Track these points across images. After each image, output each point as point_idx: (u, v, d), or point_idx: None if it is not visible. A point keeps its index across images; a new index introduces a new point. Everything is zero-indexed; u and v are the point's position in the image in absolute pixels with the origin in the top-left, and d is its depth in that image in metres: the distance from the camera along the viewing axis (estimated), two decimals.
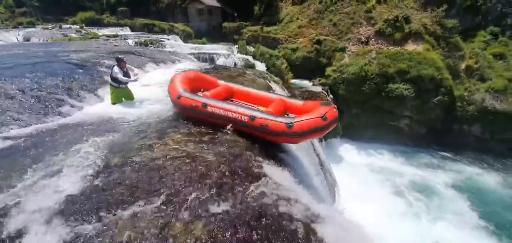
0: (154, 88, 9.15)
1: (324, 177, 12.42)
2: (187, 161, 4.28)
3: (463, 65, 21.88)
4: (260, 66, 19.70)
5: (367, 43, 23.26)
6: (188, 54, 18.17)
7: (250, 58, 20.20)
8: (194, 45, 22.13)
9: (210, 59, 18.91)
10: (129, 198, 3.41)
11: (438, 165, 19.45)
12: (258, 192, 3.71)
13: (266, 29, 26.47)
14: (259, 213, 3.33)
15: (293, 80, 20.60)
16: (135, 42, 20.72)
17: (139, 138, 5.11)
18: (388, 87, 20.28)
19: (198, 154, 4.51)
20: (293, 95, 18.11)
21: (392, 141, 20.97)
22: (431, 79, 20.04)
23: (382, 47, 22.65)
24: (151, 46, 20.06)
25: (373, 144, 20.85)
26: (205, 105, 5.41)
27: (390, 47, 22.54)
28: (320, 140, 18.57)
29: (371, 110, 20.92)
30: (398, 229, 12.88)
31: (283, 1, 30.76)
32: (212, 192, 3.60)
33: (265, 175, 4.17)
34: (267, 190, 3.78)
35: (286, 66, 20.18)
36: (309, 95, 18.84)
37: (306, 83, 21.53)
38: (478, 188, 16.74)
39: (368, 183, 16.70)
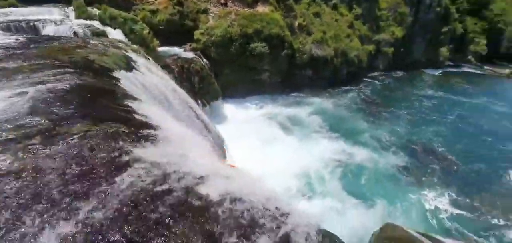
0: None
1: (212, 138, 13.27)
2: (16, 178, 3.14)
3: (296, 23, 28.22)
4: (115, 34, 16.06)
5: (226, 4, 24.46)
6: None
7: (97, 23, 15.82)
8: None
9: (31, 28, 13.09)
10: None
11: (295, 102, 26.07)
12: (129, 181, 3.37)
13: None
14: (133, 202, 3.08)
15: (160, 48, 18.58)
16: None
17: None
18: (250, 46, 23.09)
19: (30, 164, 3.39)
20: (166, 65, 16.72)
21: (259, 92, 25.22)
22: (278, 37, 24.74)
23: (239, 9, 24.69)
24: None
25: (246, 97, 24.37)
26: None
27: (246, 9, 25.02)
28: (204, 105, 19.00)
29: (239, 69, 23.58)
30: (280, 153, 17.21)
31: None
32: (63, 204, 2.92)
33: (133, 160, 3.83)
34: (141, 174, 3.54)
35: (149, 32, 17.63)
36: (183, 64, 18.09)
37: (176, 50, 20.22)
38: (323, 111, 25.01)
39: (250, 130, 19.83)
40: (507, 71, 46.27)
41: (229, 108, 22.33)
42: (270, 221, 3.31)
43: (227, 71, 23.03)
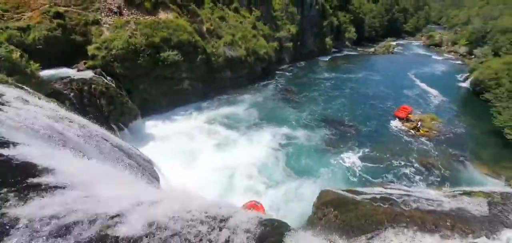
0: None
1: (136, 163, 11.34)
2: None
3: (204, 28, 28.02)
4: None
5: (120, 13, 21.60)
6: None
7: None
8: None
9: None
10: None
11: (221, 104, 25.80)
12: None
13: None
14: None
15: (44, 72, 14.18)
16: None
17: None
18: (161, 56, 21.22)
19: None
20: (56, 92, 13.22)
21: (184, 101, 23.60)
22: (189, 43, 23.85)
23: (138, 17, 22.33)
24: None
25: (172, 109, 22.38)
26: None
27: (147, 17, 22.87)
28: (120, 129, 16.03)
29: (157, 81, 21.27)
30: (207, 159, 16.73)
31: None
32: None
33: (18, 224, 2.80)
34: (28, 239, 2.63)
35: (21, 55, 13.17)
36: (80, 86, 14.60)
37: (68, 71, 16.05)
38: (250, 106, 26.20)
39: (181, 142, 18.32)
40: (371, 49, 61.83)
41: (154, 125, 19.86)
42: (209, 232, 3.26)
43: (143, 86, 20.37)
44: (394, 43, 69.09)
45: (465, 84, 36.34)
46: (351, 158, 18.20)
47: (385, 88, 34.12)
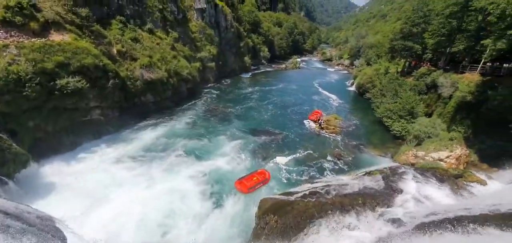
0: None
1: (26, 225, 9.16)
2: None
3: (114, 50, 25.10)
4: None
5: None
6: None
7: None
8: None
9: None
10: None
11: (142, 132, 23.23)
12: None
13: None
14: None
15: None
16: None
17: None
18: (58, 84, 17.59)
19: None
20: None
21: (95, 134, 19.97)
22: (96, 67, 20.78)
23: (22, 40, 17.96)
24: None
25: (77, 146, 18.47)
26: None
27: (34, 40, 18.64)
28: (4, 183, 12.13)
29: (52, 115, 17.19)
30: (134, 195, 14.84)
31: None
32: None
33: None
34: None
35: None
36: None
37: None
38: (176, 129, 24.77)
39: (94, 186, 15.25)
40: (283, 65, 70.50)
41: (54, 170, 15.75)
42: None
43: (34, 123, 16.00)
44: (299, 59, 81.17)
45: (352, 88, 46.40)
46: (280, 163, 19.81)
47: (299, 97, 39.44)
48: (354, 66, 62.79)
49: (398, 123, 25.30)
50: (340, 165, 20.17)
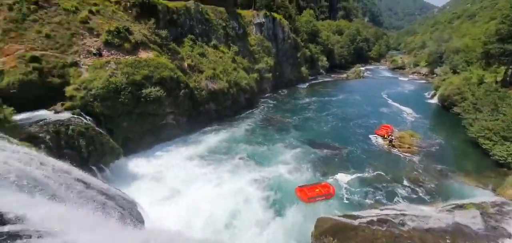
0: None
1: (117, 205, 10.51)
2: None
3: (185, 64, 28.15)
4: None
5: (100, 55, 21.01)
6: None
7: None
8: None
9: None
10: None
11: (207, 136, 24.97)
12: None
13: None
14: None
15: (19, 116, 12.99)
16: None
17: None
18: (143, 93, 20.69)
19: None
20: (31, 135, 12.13)
21: (167, 137, 22.68)
22: (172, 79, 23.73)
23: (119, 57, 21.89)
24: None
25: (156, 145, 21.43)
26: None
27: (127, 57, 22.48)
28: (101, 170, 14.80)
29: (138, 119, 20.47)
30: (207, 190, 16.23)
31: None
32: None
33: None
34: None
35: None
36: (56, 128, 13.52)
37: (44, 113, 14.84)
38: (236, 135, 25.88)
39: (168, 180, 17.23)
40: (344, 75, 66.21)
41: (137, 164, 18.61)
42: None
43: (124, 124, 19.37)
44: (363, 68, 74.86)
45: (433, 101, 39.54)
46: (342, 181, 18.10)
47: (363, 109, 35.96)
48: (434, 75, 53.92)
49: (501, 146, 19.98)
50: (419, 193, 17.04)
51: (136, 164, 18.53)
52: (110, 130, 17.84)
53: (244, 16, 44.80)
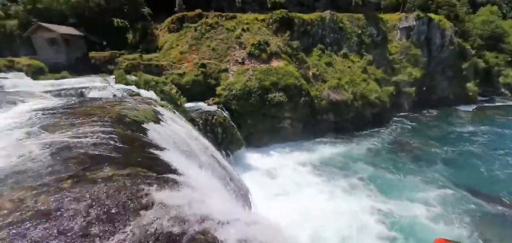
0: None
1: (235, 187, 12.62)
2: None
3: (310, 73, 29.46)
4: (148, 95, 17.79)
5: (243, 63, 26.68)
6: (43, 92, 13.66)
7: (133, 87, 17.76)
8: (50, 81, 16.81)
9: (79, 93, 14.98)
10: None
11: (320, 147, 25.09)
12: (149, 222, 3.42)
13: (146, 56, 24.88)
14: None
15: (187, 104, 20.17)
16: None
17: None
18: (269, 97, 24.04)
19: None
20: (192, 119, 17.70)
21: (282, 139, 24.99)
22: (295, 86, 25.71)
23: (256, 65, 26.68)
24: None
25: (270, 145, 24.23)
26: None
27: (262, 65, 26.94)
28: (227, 154, 18.95)
29: (261, 118, 24.09)
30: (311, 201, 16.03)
31: (159, 30, 30.00)
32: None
33: (155, 203, 3.91)
34: (161, 216, 3.56)
35: (176, 91, 19.51)
36: (206, 116, 19.14)
37: (201, 104, 21.72)
38: (350, 153, 24.14)
39: (277, 178, 19.01)
40: None
41: (253, 157, 22.00)
42: None
43: (250, 122, 23.65)
44: None
45: None
46: None
47: None
48: None
49: None
50: None
51: (253, 157, 21.77)
52: (239, 125, 22.37)
53: (386, 20, 39.72)
